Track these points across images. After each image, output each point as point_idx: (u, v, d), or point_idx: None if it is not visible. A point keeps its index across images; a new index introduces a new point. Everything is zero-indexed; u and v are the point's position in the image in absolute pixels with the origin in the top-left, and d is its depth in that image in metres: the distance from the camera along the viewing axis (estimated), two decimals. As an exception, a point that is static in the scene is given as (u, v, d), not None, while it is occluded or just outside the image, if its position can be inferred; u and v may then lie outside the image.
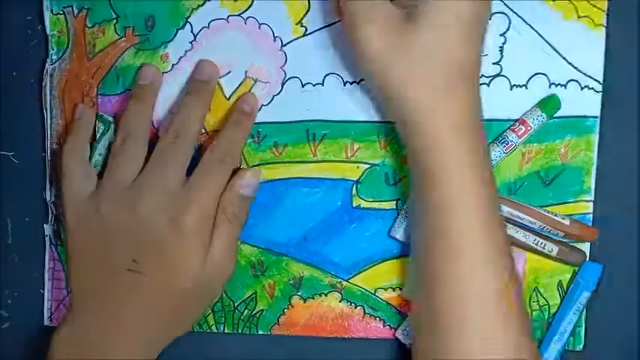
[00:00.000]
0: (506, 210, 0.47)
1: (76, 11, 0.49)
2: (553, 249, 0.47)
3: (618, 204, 0.48)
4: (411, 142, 0.42)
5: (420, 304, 0.44)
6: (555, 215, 0.47)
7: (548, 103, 0.47)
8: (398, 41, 0.41)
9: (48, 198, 0.50)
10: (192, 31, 0.48)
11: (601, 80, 0.47)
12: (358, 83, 0.48)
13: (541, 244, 0.47)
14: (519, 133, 0.47)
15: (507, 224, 0.47)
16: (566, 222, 0.47)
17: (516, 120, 0.47)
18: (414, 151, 0.42)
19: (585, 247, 0.48)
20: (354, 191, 0.48)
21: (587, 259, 0.48)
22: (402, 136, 0.44)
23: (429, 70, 0.41)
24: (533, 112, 0.47)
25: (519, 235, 0.47)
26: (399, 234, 0.47)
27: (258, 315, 0.49)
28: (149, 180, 0.45)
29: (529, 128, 0.47)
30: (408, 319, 0.48)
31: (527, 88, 0.48)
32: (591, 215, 0.48)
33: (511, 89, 0.48)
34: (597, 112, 0.47)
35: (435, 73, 0.41)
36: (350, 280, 0.49)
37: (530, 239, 0.47)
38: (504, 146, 0.47)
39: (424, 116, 0.41)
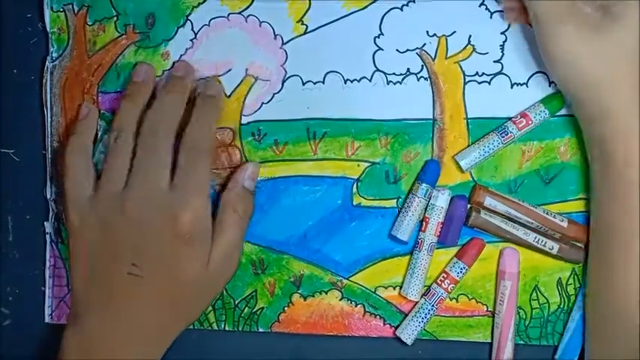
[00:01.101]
0: (504, 209, 0.47)
1: (76, 9, 0.49)
2: (553, 247, 0.47)
3: (618, 202, 0.48)
4: (601, 143, 0.43)
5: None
6: (554, 217, 0.47)
7: (553, 101, 0.47)
8: (592, 41, 0.41)
9: (48, 195, 0.50)
10: (192, 29, 0.48)
11: (601, 79, 0.47)
12: (359, 81, 0.48)
13: (541, 241, 0.47)
14: (520, 126, 0.47)
15: (507, 221, 0.47)
16: (564, 224, 0.47)
17: (518, 113, 0.47)
18: (604, 150, 0.43)
19: (585, 245, 0.48)
20: (354, 189, 0.48)
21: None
22: (589, 135, 0.44)
23: (626, 70, 0.41)
24: (536, 108, 0.47)
25: (519, 232, 0.47)
26: (399, 233, 0.47)
27: (258, 313, 0.49)
28: (136, 182, 0.44)
29: (530, 122, 0.47)
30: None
31: (527, 86, 0.48)
32: (591, 213, 0.48)
33: (512, 87, 0.48)
34: (598, 111, 0.48)
35: (631, 73, 0.41)
36: (350, 279, 0.49)
37: (530, 237, 0.47)
38: (503, 137, 0.47)
39: (618, 115, 0.41)
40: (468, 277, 0.48)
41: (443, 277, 0.48)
